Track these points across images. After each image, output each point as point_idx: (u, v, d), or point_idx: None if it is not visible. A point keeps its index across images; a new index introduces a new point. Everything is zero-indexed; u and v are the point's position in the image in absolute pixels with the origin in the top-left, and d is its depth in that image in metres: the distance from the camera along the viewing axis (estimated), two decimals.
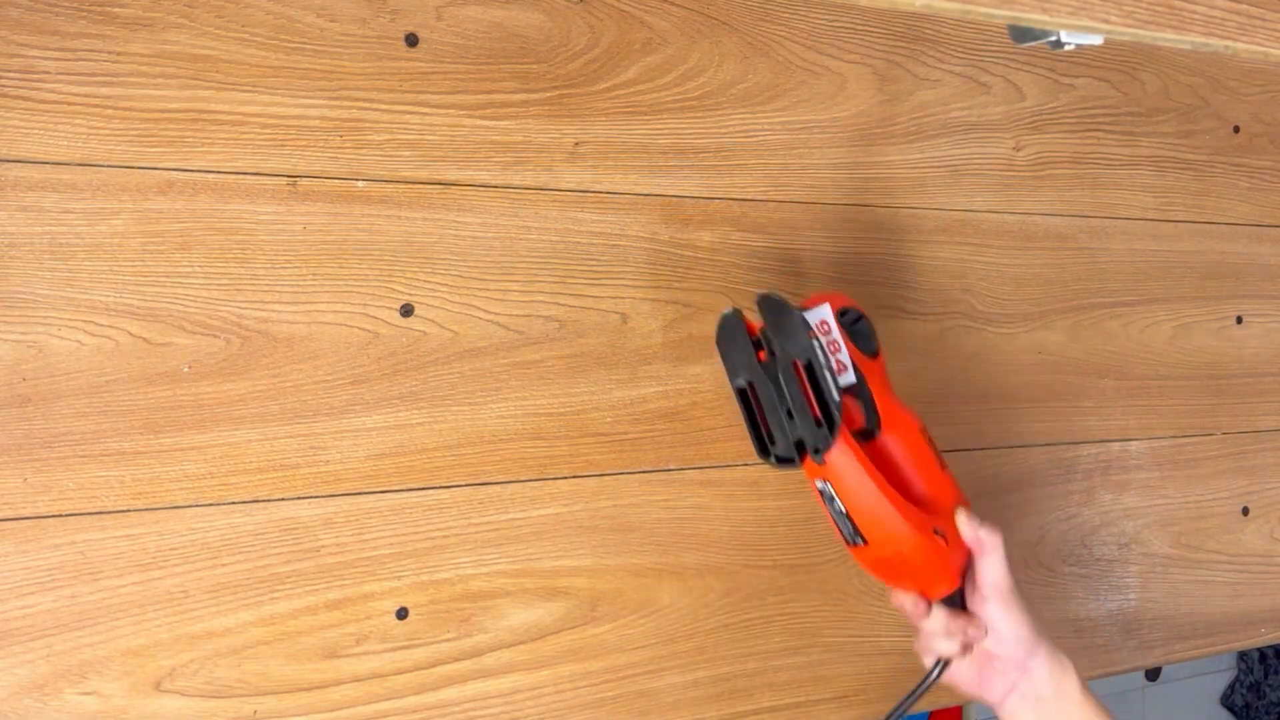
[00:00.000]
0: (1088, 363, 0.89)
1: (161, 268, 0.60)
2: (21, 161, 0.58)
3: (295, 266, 0.63)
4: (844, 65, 0.78)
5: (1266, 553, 0.98)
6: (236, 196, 0.62)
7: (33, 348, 0.58)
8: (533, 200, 0.69)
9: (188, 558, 0.61)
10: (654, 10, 0.72)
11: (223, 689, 0.62)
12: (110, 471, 0.60)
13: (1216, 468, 0.95)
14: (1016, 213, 0.86)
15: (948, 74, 0.82)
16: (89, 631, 0.59)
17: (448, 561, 0.67)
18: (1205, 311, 0.95)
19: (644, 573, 0.73)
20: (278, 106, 0.62)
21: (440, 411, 0.67)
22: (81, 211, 0.59)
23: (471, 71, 0.67)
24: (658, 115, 0.72)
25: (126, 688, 0.60)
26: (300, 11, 0.63)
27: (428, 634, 0.67)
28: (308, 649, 0.64)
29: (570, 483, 0.71)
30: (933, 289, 0.83)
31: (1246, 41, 0.44)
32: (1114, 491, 0.91)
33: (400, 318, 0.66)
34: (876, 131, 0.80)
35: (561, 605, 0.70)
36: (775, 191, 0.77)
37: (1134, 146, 0.91)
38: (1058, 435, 0.88)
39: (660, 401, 0.73)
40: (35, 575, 0.58)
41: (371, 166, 0.65)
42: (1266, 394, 0.98)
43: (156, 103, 0.60)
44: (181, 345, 0.61)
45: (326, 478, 0.64)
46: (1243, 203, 0.96)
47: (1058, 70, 0.87)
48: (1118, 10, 0.41)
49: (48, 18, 0.58)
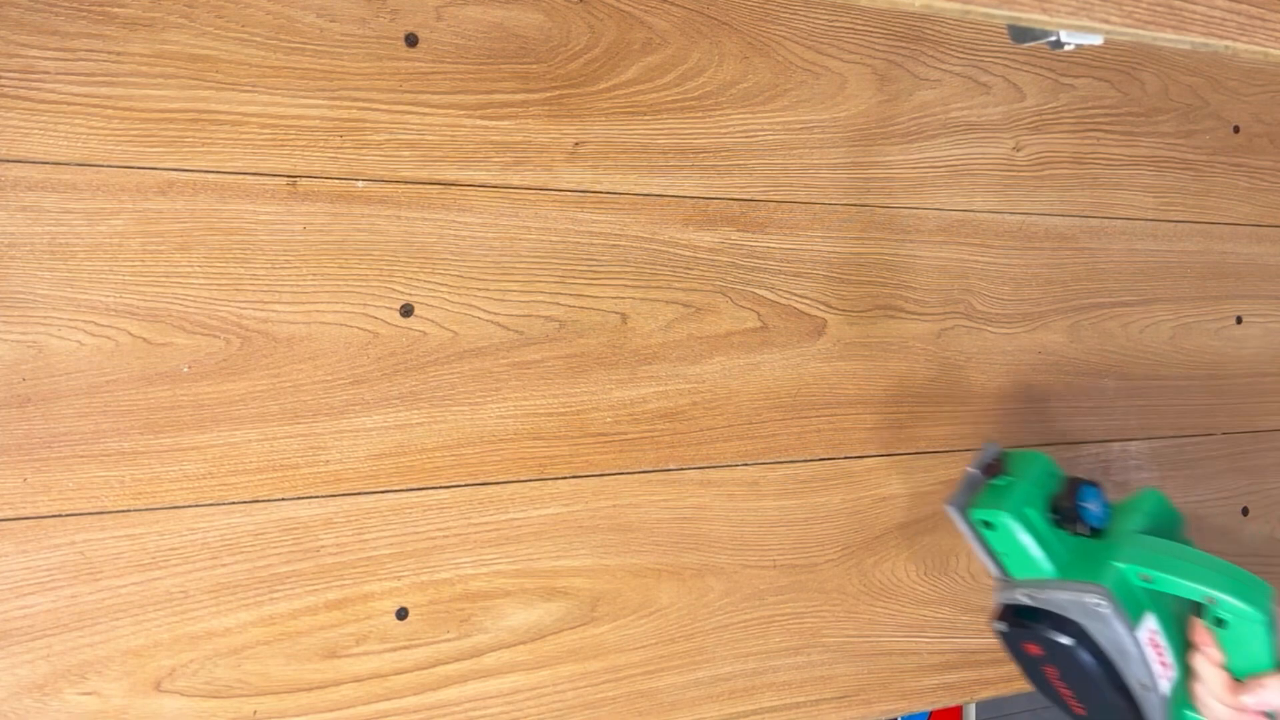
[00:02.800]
0: (1088, 363, 0.89)
1: (161, 268, 0.60)
2: (21, 161, 0.58)
3: (295, 266, 0.63)
4: (844, 65, 0.78)
5: (1266, 553, 0.98)
6: (236, 196, 0.62)
7: (33, 348, 0.58)
8: (533, 200, 0.69)
9: (188, 558, 0.61)
10: (654, 10, 0.72)
11: (223, 689, 0.62)
12: (110, 471, 0.60)
13: (1216, 468, 0.95)
14: (1016, 213, 0.86)
15: (948, 74, 0.82)
16: (89, 631, 0.59)
17: (448, 561, 0.67)
18: (1205, 311, 0.95)
19: (644, 573, 0.73)
20: (278, 106, 0.62)
21: (440, 411, 0.67)
22: (81, 211, 0.59)
23: (471, 71, 0.67)
24: (658, 115, 0.72)
25: (126, 688, 0.60)
26: (300, 11, 0.63)
27: (428, 634, 0.67)
28: (308, 649, 0.64)
29: (570, 483, 0.71)
30: (933, 289, 0.83)
31: (1246, 41, 0.44)
32: (1114, 491, 0.91)
33: (400, 318, 0.66)
34: (876, 131, 0.80)
35: (561, 605, 0.70)
36: (775, 191, 0.77)
37: (1134, 146, 0.91)
38: (1058, 435, 0.88)
39: (660, 401, 0.73)
40: (35, 575, 0.58)
41: (371, 166, 0.65)
42: (1266, 394, 0.98)
43: (156, 103, 0.60)
44: (181, 345, 0.61)
45: (326, 478, 0.64)
46: (1243, 203, 0.96)
47: (1058, 70, 0.87)
48: (1118, 10, 0.41)
49: (48, 18, 0.58)
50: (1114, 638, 0.64)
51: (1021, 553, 0.67)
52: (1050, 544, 0.67)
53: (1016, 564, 0.68)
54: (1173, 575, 0.63)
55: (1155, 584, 0.64)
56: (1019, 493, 0.67)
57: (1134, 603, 0.65)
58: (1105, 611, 0.63)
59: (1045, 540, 0.67)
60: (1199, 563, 0.64)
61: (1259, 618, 0.60)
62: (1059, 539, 0.67)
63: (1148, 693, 0.65)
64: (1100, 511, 0.68)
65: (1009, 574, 0.69)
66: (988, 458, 0.71)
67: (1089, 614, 0.64)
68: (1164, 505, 0.71)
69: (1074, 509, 0.67)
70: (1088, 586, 0.64)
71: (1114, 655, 0.65)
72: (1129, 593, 0.65)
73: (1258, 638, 0.61)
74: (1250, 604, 0.61)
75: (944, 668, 0.83)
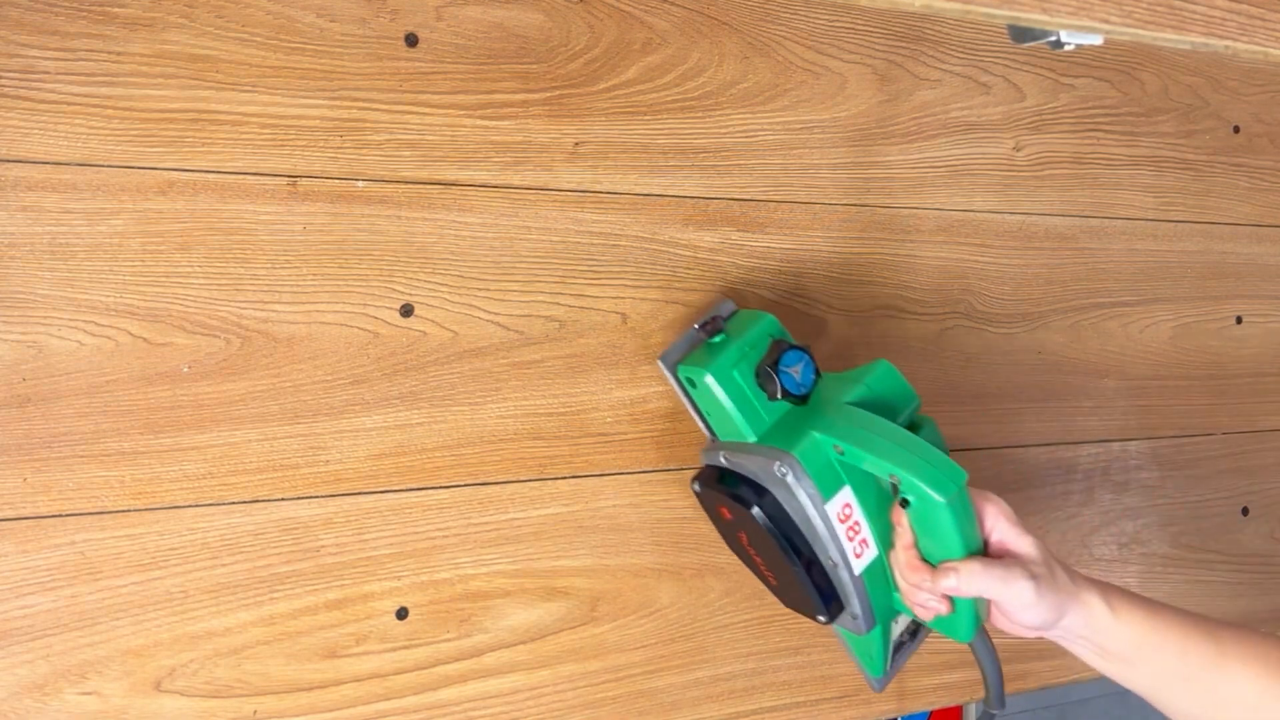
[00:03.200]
0: (1088, 363, 0.89)
1: (161, 268, 0.60)
2: (21, 161, 0.58)
3: (295, 266, 0.63)
4: (844, 65, 0.78)
5: (1266, 553, 0.98)
6: (236, 196, 0.62)
7: (33, 348, 0.58)
8: (533, 200, 0.69)
9: (188, 558, 0.61)
10: (654, 10, 0.72)
11: (223, 689, 0.62)
12: (110, 471, 0.60)
13: (1216, 468, 0.95)
14: (1016, 213, 0.86)
15: (948, 74, 0.82)
16: (89, 631, 0.59)
17: (448, 561, 0.67)
18: (1205, 311, 0.95)
19: (644, 573, 0.73)
20: (278, 106, 0.62)
21: (440, 411, 0.67)
22: (81, 211, 0.59)
23: (471, 71, 0.67)
24: (658, 115, 0.72)
25: (126, 688, 0.60)
26: (300, 11, 0.63)
27: (428, 634, 0.67)
28: (308, 649, 0.64)
29: (570, 483, 0.71)
30: (933, 289, 0.83)
31: (1246, 41, 0.44)
32: (1114, 491, 0.91)
33: (400, 318, 0.66)
34: (876, 131, 0.80)
35: (561, 605, 0.70)
36: (775, 191, 0.77)
37: (1134, 146, 0.91)
38: (1058, 435, 0.88)
39: (660, 401, 0.73)
40: (35, 575, 0.58)
41: (371, 166, 0.65)
42: (1266, 394, 0.98)
43: (156, 103, 0.60)
44: (181, 345, 0.61)
45: (326, 478, 0.64)
46: (1243, 203, 0.96)
47: (1058, 70, 0.87)
48: (1118, 10, 0.41)
49: (48, 18, 0.58)
50: (799, 509, 0.62)
51: (723, 414, 0.64)
52: (753, 408, 0.64)
53: (720, 425, 0.66)
54: (862, 449, 0.60)
55: (847, 457, 0.61)
56: (728, 353, 0.65)
57: (830, 475, 0.62)
58: (790, 480, 0.61)
59: (748, 403, 0.64)
60: (893, 440, 0.60)
61: (939, 502, 0.58)
62: (764, 404, 0.64)
63: (837, 569, 0.63)
64: (801, 379, 0.64)
65: (715, 435, 0.67)
66: (712, 314, 0.68)
67: (775, 481, 0.62)
68: (893, 380, 0.67)
69: (773, 373, 0.63)
70: (777, 453, 0.61)
71: (801, 526, 0.62)
72: (825, 465, 0.62)
73: (943, 522, 0.59)
74: (934, 487, 0.58)
75: (944, 668, 0.83)
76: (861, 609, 0.64)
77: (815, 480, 0.61)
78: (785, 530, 0.62)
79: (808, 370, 0.64)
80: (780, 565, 0.64)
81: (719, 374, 0.64)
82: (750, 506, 0.62)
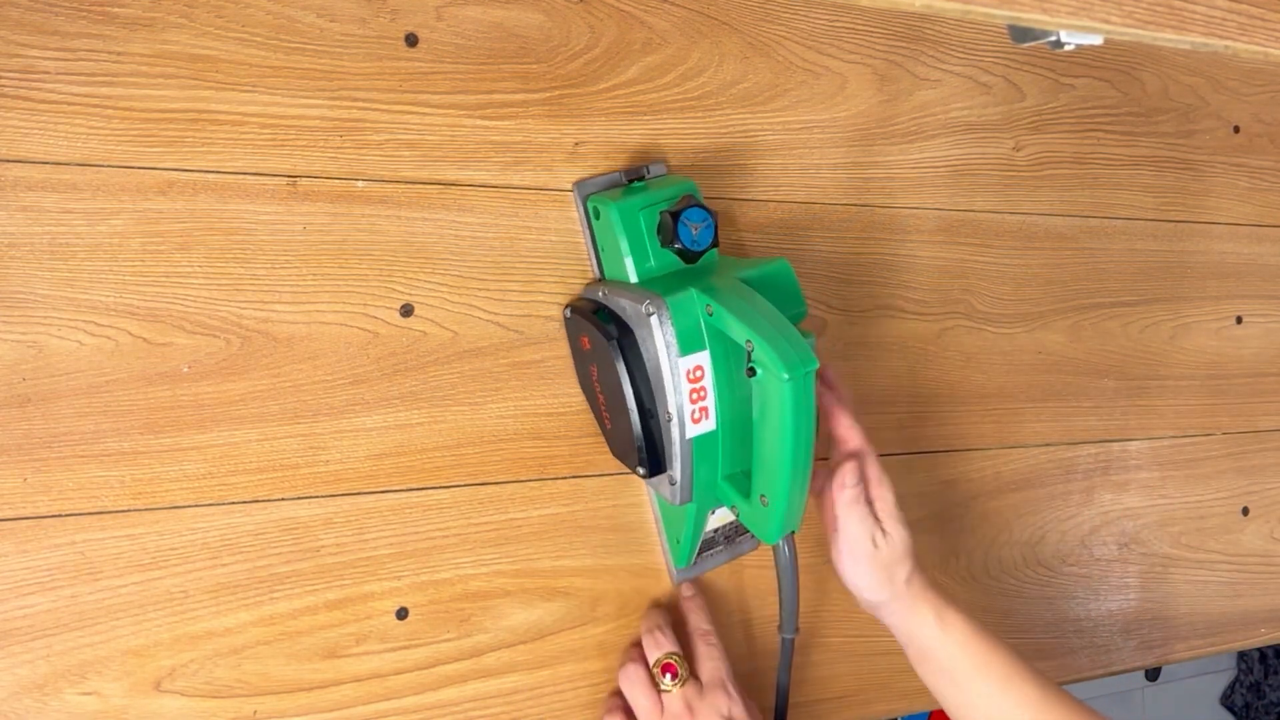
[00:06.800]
0: (1088, 363, 0.89)
1: (161, 268, 0.60)
2: (21, 161, 0.58)
3: (295, 266, 0.63)
4: (844, 65, 0.78)
5: (1266, 553, 0.98)
6: (236, 196, 0.62)
7: (33, 348, 0.58)
8: (533, 200, 0.69)
9: (188, 558, 0.61)
10: (654, 10, 0.72)
11: (223, 689, 0.62)
12: (110, 471, 0.60)
13: (1216, 468, 0.96)
14: (1016, 213, 0.86)
15: (948, 74, 0.82)
16: (89, 631, 0.59)
17: (447, 561, 0.67)
18: (1205, 311, 0.95)
19: (644, 573, 0.73)
20: (278, 106, 0.62)
21: (440, 411, 0.67)
22: (81, 211, 0.59)
23: (471, 71, 0.67)
24: (658, 115, 0.72)
25: (126, 688, 0.60)
26: (300, 11, 0.63)
27: (428, 634, 0.67)
28: (308, 649, 0.64)
29: (570, 483, 0.71)
30: (933, 289, 0.83)
31: (1246, 41, 0.44)
32: (1114, 491, 0.91)
33: (400, 318, 0.66)
34: (876, 131, 0.80)
35: (561, 605, 0.70)
36: (775, 191, 0.77)
37: (1134, 146, 0.91)
38: (1058, 435, 0.88)
39: None
40: (35, 575, 0.58)
41: (371, 166, 0.65)
42: (1266, 394, 0.98)
43: (156, 103, 0.60)
44: (181, 345, 0.61)
45: (326, 478, 0.64)
46: (1243, 203, 0.96)
47: (1058, 70, 0.87)
48: (1118, 10, 0.41)
49: (48, 18, 0.58)
50: (654, 354, 0.62)
51: (616, 251, 0.66)
52: (645, 252, 0.65)
53: (610, 263, 0.67)
54: (730, 312, 0.60)
55: (715, 319, 0.61)
56: (640, 197, 0.66)
57: (694, 335, 0.62)
58: (653, 321, 0.62)
59: (641, 247, 0.65)
60: (761, 312, 0.60)
61: (783, 379, 0.57)
62: (656, 251, 0.65)
63: (670, 424, 0.63)
64: (699, 236, 0.64)
65: (602, 273, 0.69)
66: (641, 167, 0.70)
67: (639, 320, 0.63)
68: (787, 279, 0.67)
69: (672, 220, 0.64)
70: (648, 294, 0.62)
71: (650, 371, 0.63)
72: (693, 323, 0.62)
73: (780, 400, 0.58)
74: (782, 361, 0.57)
75: None
76: (682, 475, 0.65)
77: (677, 332, 0.62)
78: (633, 368, 0.64)
79: (707, 231, 0.65)
80: (619, 407, 0.65)
81: (624, 211, 0.65)
82: (610, 339, 0.64)
